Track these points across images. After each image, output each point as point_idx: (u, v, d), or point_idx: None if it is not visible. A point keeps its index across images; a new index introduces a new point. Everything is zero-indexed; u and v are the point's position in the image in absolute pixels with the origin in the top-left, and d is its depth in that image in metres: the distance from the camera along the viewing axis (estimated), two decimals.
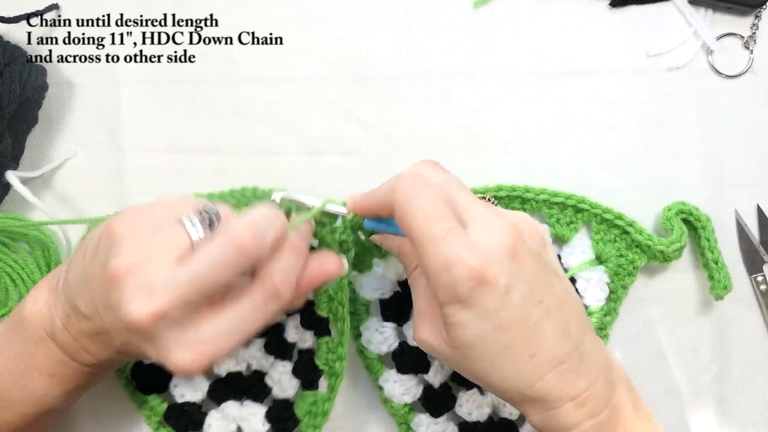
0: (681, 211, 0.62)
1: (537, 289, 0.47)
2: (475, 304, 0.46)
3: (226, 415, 0.60)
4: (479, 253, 0.45)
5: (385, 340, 0.60)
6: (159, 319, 0.44)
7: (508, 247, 0.46)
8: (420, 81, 0.65)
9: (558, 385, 0.47)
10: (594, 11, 0.66)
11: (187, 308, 0.44)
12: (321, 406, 0.58)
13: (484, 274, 0.45)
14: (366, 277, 0.60)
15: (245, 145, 0.64)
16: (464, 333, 0.47)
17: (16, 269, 0.61)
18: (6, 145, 0.59)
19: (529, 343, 0.47)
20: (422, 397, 0.60)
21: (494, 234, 0.47)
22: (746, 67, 0.66)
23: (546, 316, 0.47)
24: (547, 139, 0.65)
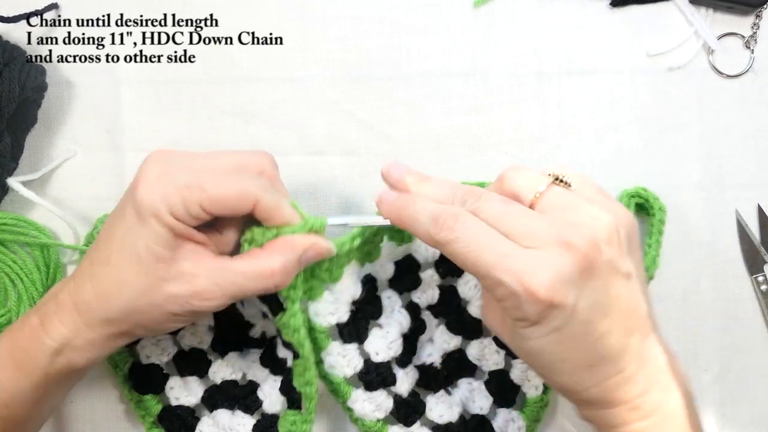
0: (638, 195, 0.62)
1: (604, 303, 0.47)
2: (542, 323, 0.46)
3: (217, 422, 0.60)
4: (545, 281, 0.44)
5: (349, 363, 0.59)
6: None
7: (577, 267, 0.45)
8: (420, 81, 0.65)
9: (613, 391, 0.48)
10: (594, 11, 0.66)
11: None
12: (299, 426, 0.57)
13: (552, 300, 0.45)
14: (319, 303, 0.58)
15: (245, 145, 0.64)
16: (529, 344, 0.47)
17: (14, 269, 0.61)
18: (5, 144, 0.59)
19: (589, 355, 0.47)
20: (394, 410, 0.60)
21: (563, 254, 0.45)
22: (747, 66, 0.66)
23: (610, 329, 0.47)
24: (547, 139, 0.65)
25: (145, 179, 0.49)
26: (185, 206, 0.48)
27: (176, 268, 0.50)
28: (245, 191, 0.49)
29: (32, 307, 0.61)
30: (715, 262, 0.64)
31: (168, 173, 0.49)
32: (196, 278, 0.50)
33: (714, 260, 0.64)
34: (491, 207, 0.48)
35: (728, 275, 0.64)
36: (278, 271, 0.51)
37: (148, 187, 0.49)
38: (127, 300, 0.50)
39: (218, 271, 0.50)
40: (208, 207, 0.49)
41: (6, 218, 0.62)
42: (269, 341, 0.61)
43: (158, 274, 0.49)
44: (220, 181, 0.49)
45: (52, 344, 0.51)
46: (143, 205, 0.48)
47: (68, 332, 0.51)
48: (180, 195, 0.48)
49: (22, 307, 0.61)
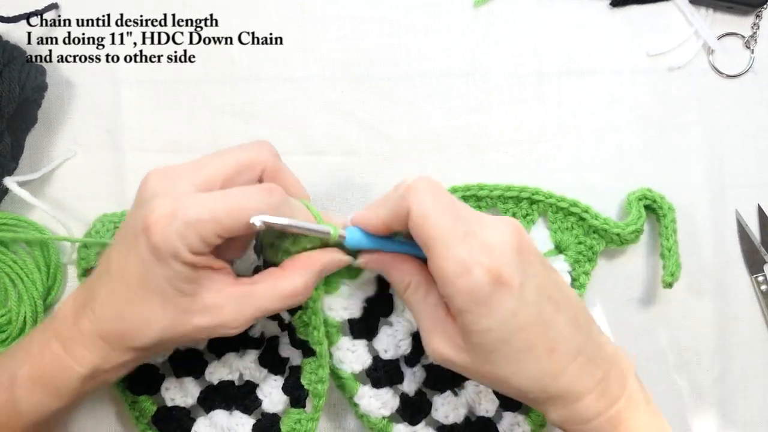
0: (645, 197, 0.62)
1: (546, 285, 0.49)
2: (496, 307, 0.47)
3: (215, 423, 0.60)
4: (494, 254, 0.47)
5: (358, 358, 0.60)
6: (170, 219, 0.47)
7: (516, 246, 0.48)
8: (420, 81, 0.65)
9: (579, 376, 0.49)
10: (594, 11, 0.66)
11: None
12: (305, 425, 0.58)
13: (499, 274, 0.46)
14: (334, 298, 0.59)
15: None
16: (487, 338, 0.48)
17: (15, 269, 0.61)
18: (5, 144, 0.59)
19: (547, 338, 0.48)
20: (399, 408, 0.60)
21: (501, 235, 0.48)
22: (747, 66, 0.66)
23: (557, 309, 0.49)
24: (547, 139, 0.65)
25: (157, 221, 0.47)
26: (203, 240, 0.48)
27: (201, 302, 0.50)
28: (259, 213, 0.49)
29: (32, 308, 0.61)
30: (716, 262, 0.64)
31: (179, 210, 0.48)
32: (222, 309, 0.50)
33: (714, 260, 0.64)
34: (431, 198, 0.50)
35: (728, 275, 0.64)
36: (301, 291, 0.52)
37: (163, 230, 0.47)
38: (155, 333, 0.50)
39: (242, 299, 0.51)
40: (224, 234, 0.48)
41: (6, 218, 0.62)
42: (268, 341, 0.61)
43: (183, 307, 0.49)
44: (233, 208, 0.48)
45: (83, 371, 0.51)
46: (161, 249, 0.47)
47: (98, 360, 0.51)
48: (196, 231, 0.47)
49: (22, 306, 0.61)
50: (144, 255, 0.48)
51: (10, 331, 0.61)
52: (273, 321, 0.60)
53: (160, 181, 0.50)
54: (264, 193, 0.49)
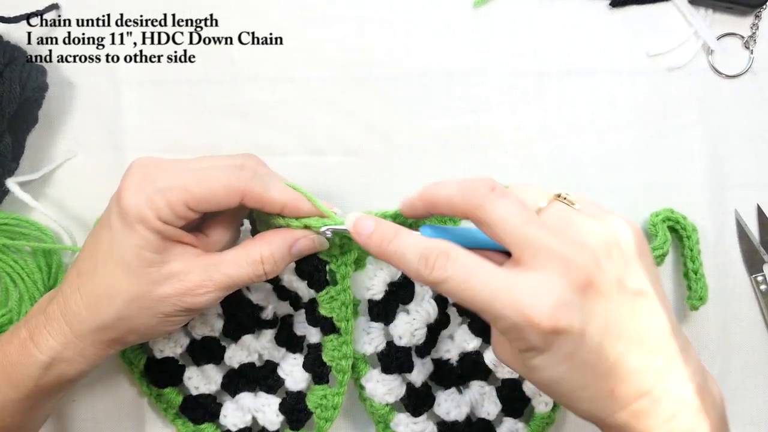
0: (668, 218, 0.62)
1: (616, 323, 0.44)
2: (550, 351, 0.43)
3: (241, 406, 0.60)
4: (546, 306, 0.42)
5: (372, 341, 0.60)
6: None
7: (578, 286, 0.43)
8: (420, 81, 0.65)
9: (640, 416, 0.44)
10: (594, 11, 0.66)
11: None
12: (331, 399, 0.59)
13: (556, 326, 0.42)
14: (358, 275, 0.60)
15: (245, 145, 0.64)
16: (541, 375, 0.45)
17: (16, 269, 0.61)
18: (6, 144, 0.59)
19: (608, 379, 0.44)
20: (404, 397, 0.60)
21: (563, 273, 0.43)
22: (746, 67, 0.66)
23: (627, 349, 0.44)
24: (548, 139, 0.65)
25: (128, 186, 0.49)
26: (171, 208, 0.49)
27: (167, 270, 0.50)
28: (229, 185, 0.50)
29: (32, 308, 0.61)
30: (715, 262, 0.64)
31: (150, 177, 0.49)
32: (188, 275, 0.50)
33: (714, 260, 0.64)
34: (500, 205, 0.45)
35: (728, 275, 0.65)
36: (266, 258, 0.52)
37: (132, 193, 0.49)
38: (118, 307, 0.50)
39: (209, 266, 0.51)
40: (194, 205, 0.49)
41: (7, 218, 0.62)
42: (282, 321, 0.61)
43: (149, 278, 0.50)
44: (203, 178, 0.49)
45: (41, 357, 0.51)
46: (128, 211, 0.48)
47: (58, 345, 0.51)
48: (164, 197, 0.48)
49: (23, 307, 0.61)
50: (114, 224, 0.49)
51: None
52: (284, 301, 0.60)
53: (141, 160, 0.52)
54: (235, 167, 0.51)
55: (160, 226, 0.49)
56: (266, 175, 0.53)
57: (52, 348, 0.51)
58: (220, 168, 0.51)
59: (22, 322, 0.54)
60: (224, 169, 0.50)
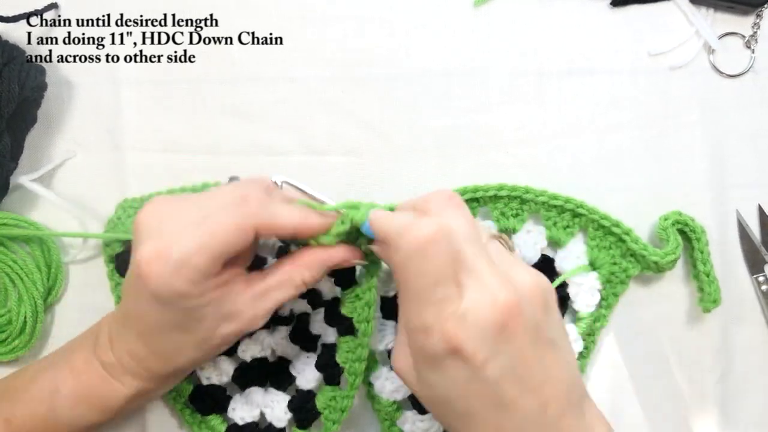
0: (677, 222, 0.62)
1: (521, 366, 0.44)
2: (446, 370, 0.45)
3: (251, 401, 0.60)
4: (463, 327, 0.43)
5: (383, 338, 0.60)
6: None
7: (497, 323, 0.44)
8: (420, 81, 0.65)
9: None
10: (594, 11, 0.65)
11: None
12: (340, 402, 0.59)
13: (460, 348, 0.43)
14: None
15: (245, 145, 0.64)
16: (430, 392, 0.47)
17: (15, 269, 0.61)
18: (5, 144, 0.59)
19: (496, 417, 0.45)
20: (412, 395, 0.59)
21: (486, 305, 0.44)
22: (748, 66, 0.65)
23: (522, 395, 0.44)
24: (548, 138, 0.65)
25: (149, 268, 0.47)
26: (200, 273, 0.48)
27: (220, 314, 0.51)
28: (238, 224, 0.49)
29: (33, 308, 0.61)
30: (716, 262, 0.64)
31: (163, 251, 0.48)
32: (241, 314, 0.52)
33: (715, 260, 0.64)
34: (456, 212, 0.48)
35: (729, 275, 0.64)
36: (309, 282, 0.53)
37: (158, 277, 0.47)
38: (189, 358, 0.53)
39: (257, 299, 0.52)
40: (218, 258, 0.49)
41: (6, 218, 0.62)
42: (298, 318, 0.61)
43: (207, 326, 0.51)
44: (214, 228, 0.48)
45: (128, 392, 0.53)
46: (164, 295, 0.48)
47: (142, 383, 0.54)
48: (190, 266, 0.48)
49: (22, 307, 0.61)
50: (151, 301, 0.49)
51: (10, 331, 0.61)
52: (303, 299, 0.60)
53: (149, 225, 0.50)
54: (240, 205, 0.50)
55: (200, 288, 0.49)
56: (271, 201, 0.52)
57: (136, 386, 0.54)
58: (224, 208, 0.49)
59: (91, 353, 0.54)
60: (229, 209, 0.49)
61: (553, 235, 0.62)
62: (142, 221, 0.50)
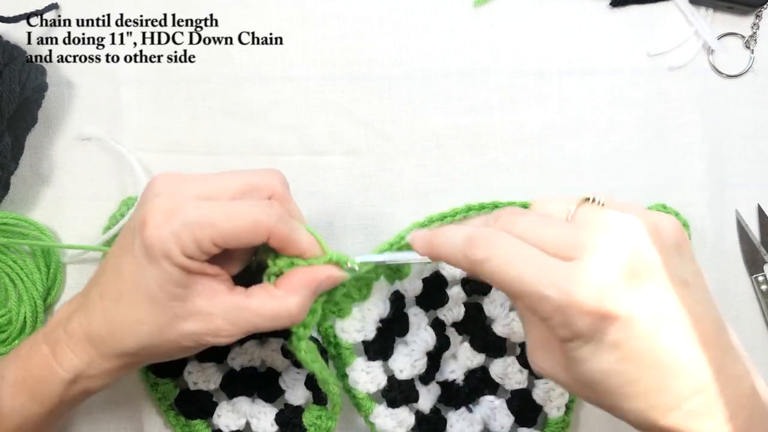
0: None
1: (665, 311, 0.42)
2: (598, 339, 0.42)
3: (237, 409, 0.60)
4: (592, 288, 0.41)
5: (373, 380, 0.59)
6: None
7: (625, 271, 0.42)
8: (420, 81, 0.65)
9: (695, 418, 0.42)
10: (594, 11, 0.66)
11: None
12: (325, 422, 0.59)
13: (600, 311, 0.41)
14: (346, 321, 0.59)
15: (245, 145, 0.64)
16: (588, 367, 0.43)
17: (15, 269, 0.61)
18: (5, 145, 0.59)
19: (660, 371, 0.42)
20: (415, 426, 0.60)
21: (606, 259, 0.42)
22: (747, 66, 0.66)
23: (679, 339, 0.42)
24: (548, 138, 0.65)
25: (153, 218, 0.47)
26: (197, 244, 0.47)
27: (191, 306, 0.49)
28: (257, 224, 0.48)
29: (32, 308, 0.61)
30: (716, 262, 0.64)
31: (176, 210, 0.47)
32: (212, 317, 0.49)
33: (714, 260, 0.64)
34: (525, 220, 0.45)
35: (728, 275, 0.64)
36: (295, 312, 0.50)
37: (157, 228, 0.47)
38: (141, 337, 0.50)
39: (234, 311, 0.50)
40: (220, 242, 0.48)
41: (6, 218, 0.62)
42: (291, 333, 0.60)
43: (173, 312, 0.49)
44: (231, 215, 0.48)
45: (66, 375, 0.51)
46: (154, 246, 0.47)
47: (82, 363, 0.51)
48: (191, 233, 0.47)
49: (22, 307, 0.61)
50: (138, 254, 0.48)
51: (10, 331, 0.61)
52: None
53: (165, 183, 0.50)
54: (264, 205, 0.49)
55: (185, 261, 0.47)
56: (292, 217, 0.51)
57: (75, 366, 0.51)
58: (248, 205, 0.49)
59: (40, 335, 0.53)
60: (253, 207, 0.49)
61: None
62: (159, 180, 0.49)
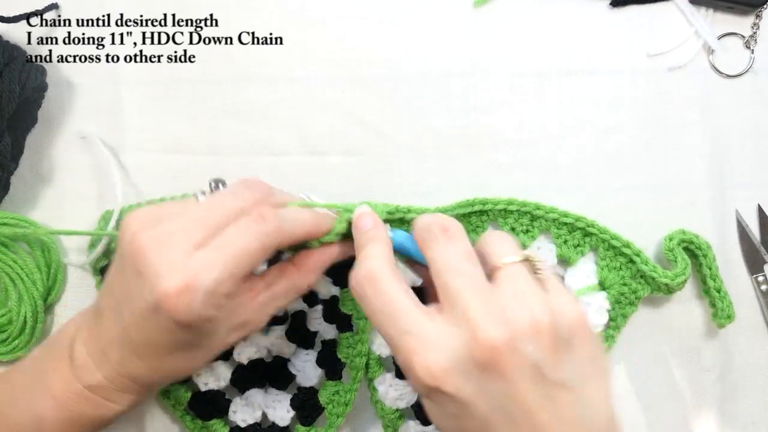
0: (682, 240, 0.61)
1: (514, 408, 0.42)
2: (435, 403, 0.44)
3: (251, 403, 0.60)
4: (438, 364, 0.42)
5: (401, 396, 0.60)
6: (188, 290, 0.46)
7: (477, 362, 0.42)
8: (420, 81, 0.65)
9: None
10: (594, 11, 0.66)
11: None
12: (343, 396, 0.60)
13: (438, 386, 0.42)
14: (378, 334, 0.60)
15: (245, 145, 0.64)
16: (430, 415, 0.46)
17: (15, 269, 0.61)
18: (5, 145, 0.59)
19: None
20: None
21: (466, 341, 0.42)
22: (747, 66, 0.66)
23: (516, 428, 0.42)
24: (548, 139, 0.65)
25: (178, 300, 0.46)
26: (224, 295, 0.47)
27: (231, 325, 0.51)
28: (264, 249, 0.48)
29: (33, 308, 0.61)
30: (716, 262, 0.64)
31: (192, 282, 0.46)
32: (249, 323, 0.52)
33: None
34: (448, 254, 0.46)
35: (728, 275, 0.64)
36: (313, 285, 0.54)
37: (189, 308, 0.46)
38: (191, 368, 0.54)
39: (264, 306, 0.52)
40: (241, 279, 0.48)
41: (6, 218, 0.62)
42: (293, 317, 0.61)
43: (219, 338, 0.51)
44: (240, 257, 0.47)
45: (120, 408, 0.52)
46: (193, 324, 0.47)
47: (136, 398, 0.52)
48: (218, 293, 0.47)
49: (22, 307, 0.61)
50: (171, 329, 0.47)
51: (10, 331, 0.61)
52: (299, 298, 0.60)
53: (155, 251, 0.47)
54: (259, 224, 0.48)
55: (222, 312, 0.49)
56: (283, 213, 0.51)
57: (129, 400, 0.52)
58: (243, 229, 0.48)
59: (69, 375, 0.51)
60: (249, 229, 0.48)
61: (563, 253, 0.61)
62: (144, 246, 0.47)
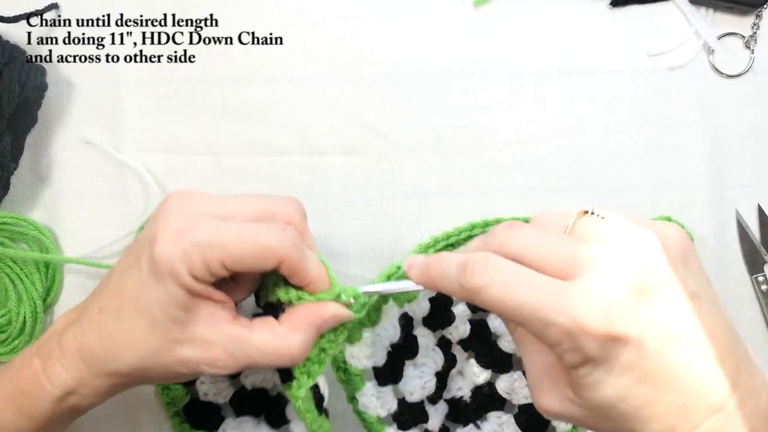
0: None
1: (675, 327, 0.41)
2: (610, 362, 0.40)
3: (242, 429, 0.59)
4: (599, 310, 0.39)
5: (384, 405, 0.58)
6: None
7: (632, 288, 0.40)
8: (420, 81, 0.65)
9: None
10: (594, 11, 0.66)
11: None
12: None
13: (610, 333, 0.40)
14: (356, 347, 0.57)
15: (245, 145, 0.64)
16: (601, 393, 0.41)
17: (15, 269, 0.61)
18: (5, 145, 0.59)
19: (676, 391, 0.40)
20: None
21: (611, 276, 0.40)
22: (747, 66, 0.66)
23: (692, 356, 0.41)
24: (548, 139, 0.65)
25: (164, 235, 0.45)
26: (206, 265, 0.46)
27: (191, 332, 0.47)
28: (270, 248, 0.46)
29: (32, 308, 0.61)
30: (716, 262, 0.64)
31: (188, 228, 0.46)
32: (211, 346, 0.47)
33: (714, 260, 0.64)
34: (522, 235, 0.43)
35: (728, 275, 0.64)
36: (297, 351, 0.48)
37: (168, 244, 0.45)
38: (135, 358, 0.48)
39: (235, 343, 0.47)
40: (229, 265, 0.46)
41: (6, 217, 0.62)
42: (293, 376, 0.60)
43: (172, 335, 0.47)
44: (244, 238, 0.46)
45: (55, 392, 0.49)
46: (161, 262, 0.45)
47: (72, 380, 0.49)
48: (201, 254, 0.45)
49: (22, 307, 0.61)
50: (143, 271, 0.46)
51: (10, 331, 0.61)
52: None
53: (179, 201, 0.48)
54: (278, 230, 0.47)
55: (192, 283, 0.46)
56: (304, 245, 0.49)
57: (65, 383, 0.49)
58: (262, 228, 0.47)
59: (34, 347, 0.52)
60: (266, 230, 0.47)
61: None
62: (174, 197, 0.48)
